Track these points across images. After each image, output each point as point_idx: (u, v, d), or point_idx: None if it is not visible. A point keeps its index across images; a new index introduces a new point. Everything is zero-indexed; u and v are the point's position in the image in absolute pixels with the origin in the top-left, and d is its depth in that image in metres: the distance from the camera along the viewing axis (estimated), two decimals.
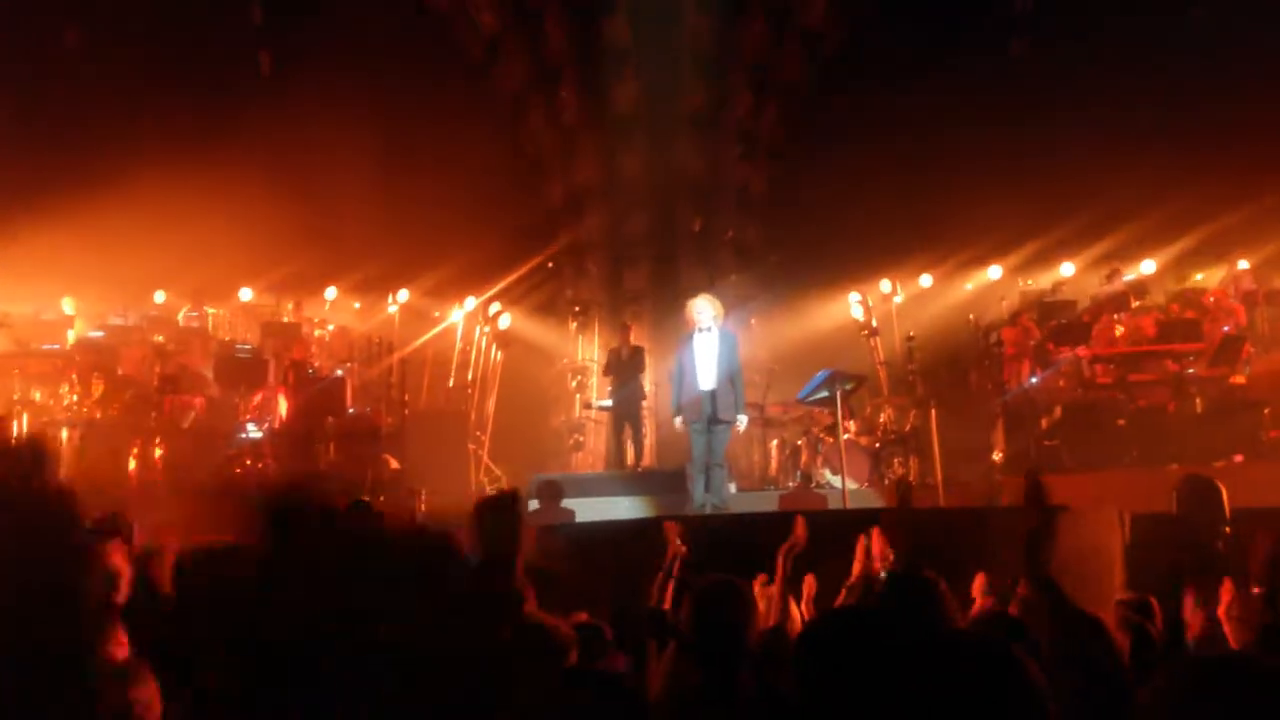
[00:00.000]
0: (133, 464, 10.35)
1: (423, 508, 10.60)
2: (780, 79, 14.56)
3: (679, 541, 4.66)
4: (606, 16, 13.99)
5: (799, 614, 4.14)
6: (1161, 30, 12.93)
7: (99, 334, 12.25)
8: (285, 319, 13.41)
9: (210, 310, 13.44)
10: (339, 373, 11.83)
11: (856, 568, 4.49)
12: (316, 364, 11.97)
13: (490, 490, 11.22)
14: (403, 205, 12.92)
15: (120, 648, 2.24)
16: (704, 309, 9.22)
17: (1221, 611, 3.97)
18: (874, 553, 4.48)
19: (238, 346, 12.46)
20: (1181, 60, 12.78)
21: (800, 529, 4.65)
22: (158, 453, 10.43)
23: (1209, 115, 12.60)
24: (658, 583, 4.50)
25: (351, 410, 11.37)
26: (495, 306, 13.54)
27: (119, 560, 2.62)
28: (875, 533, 4.52)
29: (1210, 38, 12.70)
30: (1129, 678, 3.04)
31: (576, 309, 14.37)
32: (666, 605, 4.23)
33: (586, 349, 14.19)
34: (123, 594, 2.53)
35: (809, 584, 4.57)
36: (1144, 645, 4.00)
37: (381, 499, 9.82)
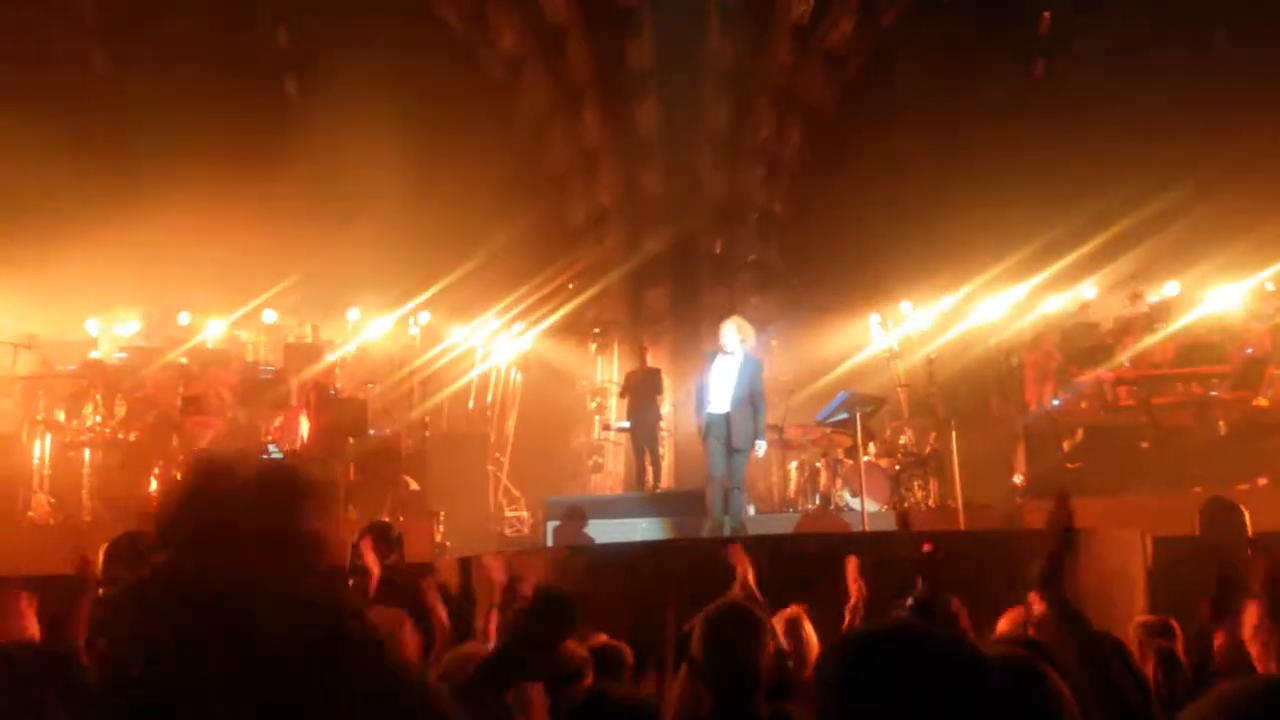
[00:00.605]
0: (154, 485, 10.42)
1: (441, 529, 10.65)
2: (803, 101, 14.60)
3: (746, 569, 4.63)
4: (629, 37, 14.06)
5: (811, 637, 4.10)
6: (1186, 49, 12.90)
7: (123, 355, 12.36)
8: (307, 340, 13.50)
9: (238, 332, 13.57)
10: (360, 395, 11.90)
11: (853, 590, 4.46)
12: (338, 385, 12.04)
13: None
14: (423, 227, 12.98)
15: None
16: (729, 331, 9.24)
17: (1246, 634, 3.94)
18: (849, 579, 4.46)
19: (260, 368, 12.56)
20: (1207, 78, 12.74)
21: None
22: (179, 475, 10.49)
23: (1239, 132, 12.51)
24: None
25: (372, 432, 11.42)
26: (515, 328, 13.59)
27: None
28: (851, 563, 4.50)
29: (1236, 55, 12.67)
30: (1152, 700, 3.02)
31: (596, 330, 14.40)
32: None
33: (606, 370, 14.21)
34: None
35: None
36: (1169, 668, 3.98)
37: (401, 519, 9.84)
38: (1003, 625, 4.21)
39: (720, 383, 9.11)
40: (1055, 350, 12.19)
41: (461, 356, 13.59)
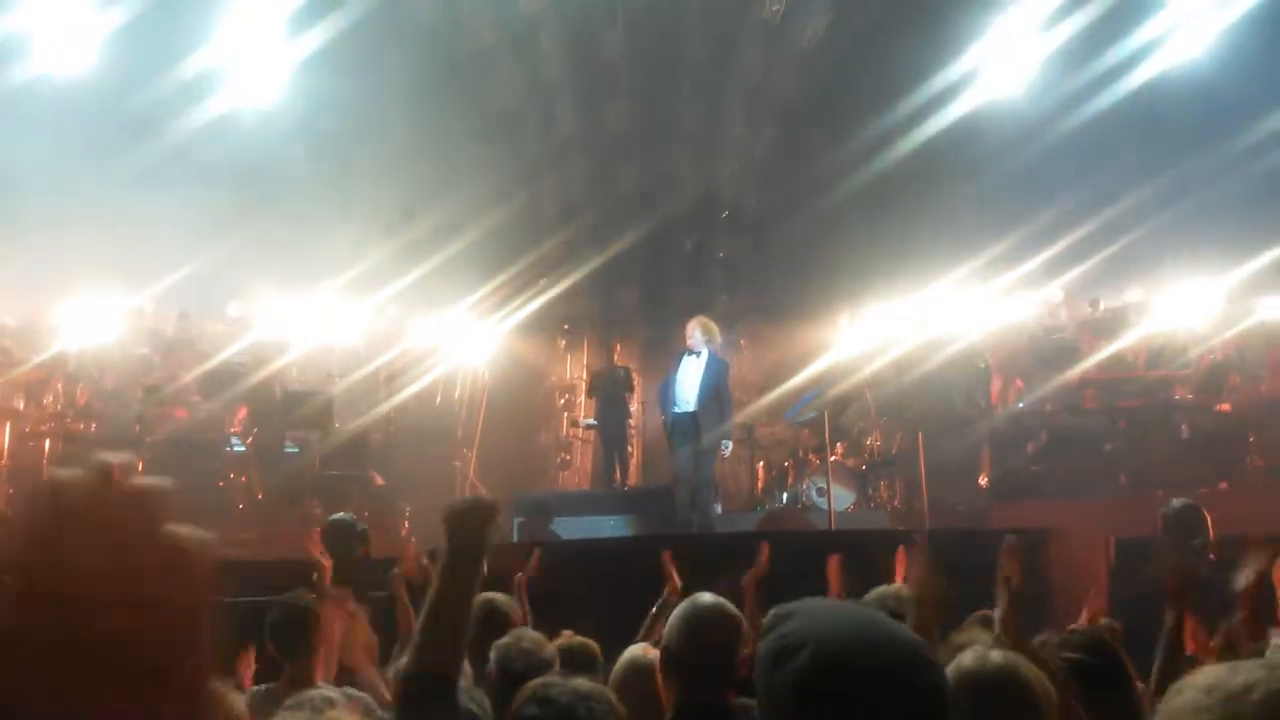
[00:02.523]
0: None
1: (406, 524, 10.58)
2: (775, 99, 14.61)
3: (676, 577, 4.63)
4: (603, 32, 14.02)
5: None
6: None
7: (86, 344, 12.17)
8: (273, 332, 13.35)
9: (199, 323, 13.39)
10: (325, 389, 11.79)
11: (835, 587, 4.47)
12: (302, 377, 11.92)
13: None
14: (391, 220, 12.89)
15: None
16: (695, 331, 9.33)
17: (1206, 639, 3.96)
18: (830, 578, 4.48)
19: (223, 358, 12.41)
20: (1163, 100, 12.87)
21: (764, 555, 4.68)
22: (140, 465, 10.36)
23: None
24: (649, 624, 4.46)
25: (337, 425, 11.32)
26: (485, 323, 13.52)
27: None
28: (833, 562, 4.52)
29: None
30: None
31: (566, 327, 14.36)
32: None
33: (576, 367, 14.17)
34: None
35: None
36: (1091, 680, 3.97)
37: (366, 515, 9.76)
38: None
39: (687, 382, 9.19)
40: (1020, 352, 12.28)
41: (429, 351, 13.48)
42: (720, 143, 14.77)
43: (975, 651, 2.10)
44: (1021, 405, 11.70)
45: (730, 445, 9.49)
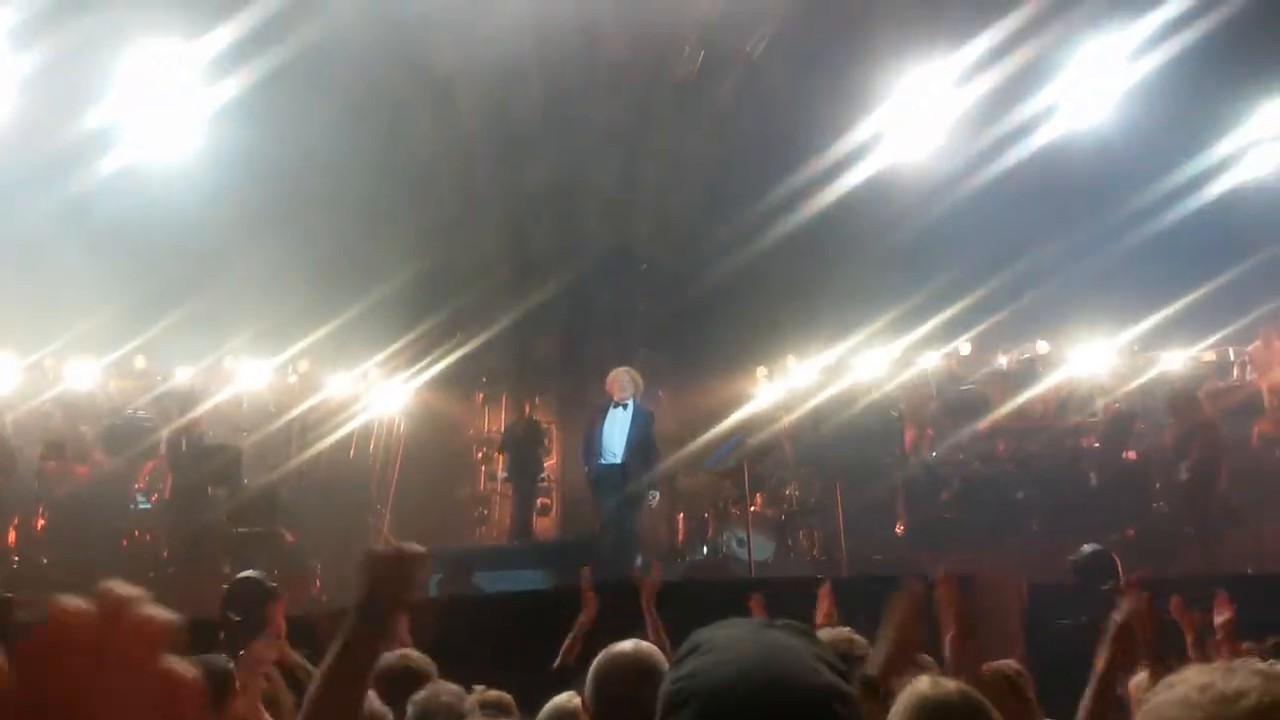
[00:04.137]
0: (12, 536, 9.87)
1: (318, 582, 10.31)
2: (690, 158, 14.78)
3: (592, 600, 4.64)
4: (518, 90, 14.06)
5: None
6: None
7: None
8: (179, 387, 13.00)
9: (107, 378, 13.00)
10: (234, 443, 11.48)
11: None
12: (209, 433, 11.60)
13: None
14: (305, 272, 12.70)
15: None
16: (623, 382, 9.37)
17: (1130, 685, 4.00)
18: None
19: (128, 414, 12.04)
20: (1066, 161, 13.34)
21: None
22: (40, 523, 9.96)
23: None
24: (566, 645, 4.47)
25: (245, 481, 11.01)
26: (399, 377, 13.34)
27: None
28: (755, 602, 4.55)
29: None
30: None
31: (483, 380, 14.24)
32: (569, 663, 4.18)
33: (494, 420, 14.04)
34: None
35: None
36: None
37: (276, 572, 9.48)
38: None
39: (614, 434, 9.22)
40: (929, 401, 12.50)
41: (343, 405, 13.24)
42: (636, 199, 14.88)
43: (929, 679, 2.11)
44: (935, 454, 11.88)
45: (657, 495, 9.50)
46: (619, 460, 9.20)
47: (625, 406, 9.33)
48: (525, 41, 13.27)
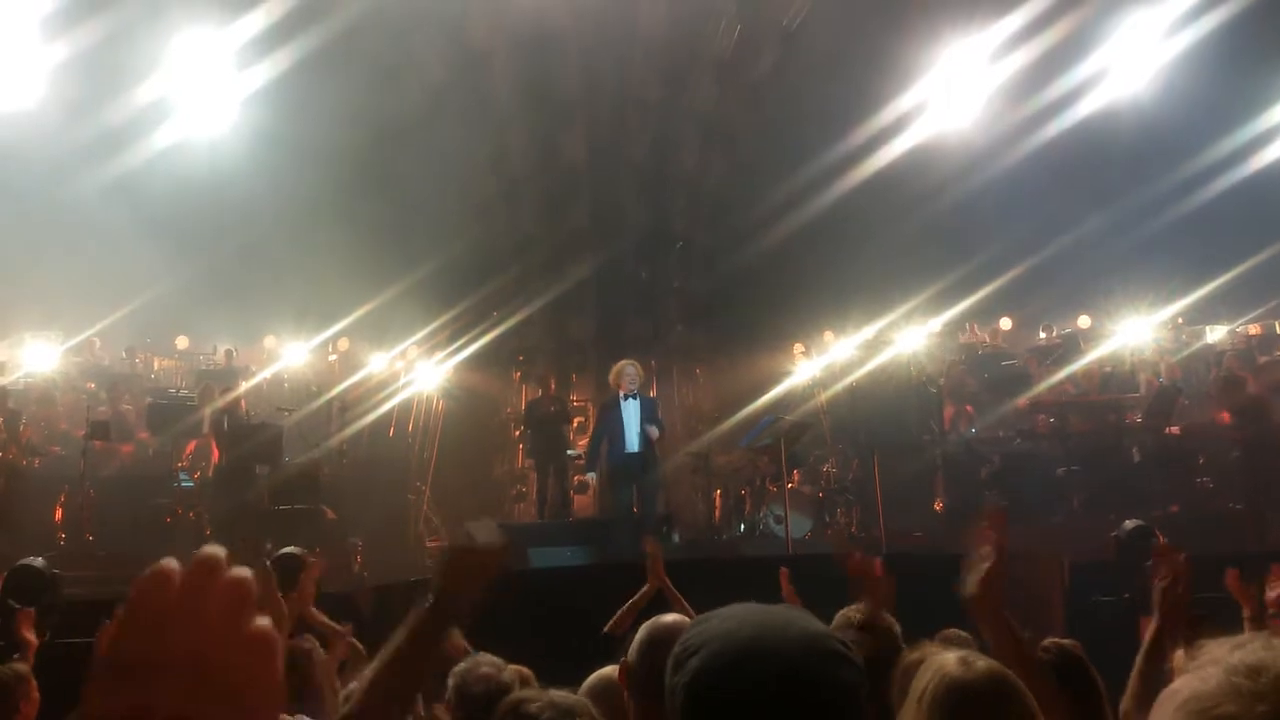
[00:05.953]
0: (59, 513, 10.05)
1: (359, 559, 10.40)
2: (727, 132, 14.70)
3: (661, 572, 4.67)
4: (556, 66, 14.04)
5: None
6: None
7: (30, 380, 11.93)
8: (221, 366, 13.16)
9: (149, 358, 13.20)
10: (275, 422, 11.60)
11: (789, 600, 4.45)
12: (252, 412, 11.73)
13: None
14: (345, 253, 12.78)
15: None
16: (631, 374, 9.57)
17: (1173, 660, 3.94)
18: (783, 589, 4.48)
19: (171, 394, 12.20)
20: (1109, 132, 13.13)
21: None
22: (86, 502, 10.12)
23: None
24: (622, 612, 4.53)
25: (287, 459, 11.12)
26: (438, 355, 13.40)
27: None
28: (784, 574, 4.52)
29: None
30: None
31: (520, 358, 14.27)
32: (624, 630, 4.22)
33: (530, 398, 14.06)
34: None
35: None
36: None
37: (318, 550, 9.59)
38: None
39: (631, 425, 9.49)
40: (968, 377, 12.38)
41: (383, 383, 13.34)
42: (672, 176, 14.81)
43: (956, 657, 2.07)
44: (974, 431, 11.78)
45: (658, 430, 9.71)
46: (638, 449, 9.50)
47: (635, 397, 9.55)
48: (561, 18, 13.26)
